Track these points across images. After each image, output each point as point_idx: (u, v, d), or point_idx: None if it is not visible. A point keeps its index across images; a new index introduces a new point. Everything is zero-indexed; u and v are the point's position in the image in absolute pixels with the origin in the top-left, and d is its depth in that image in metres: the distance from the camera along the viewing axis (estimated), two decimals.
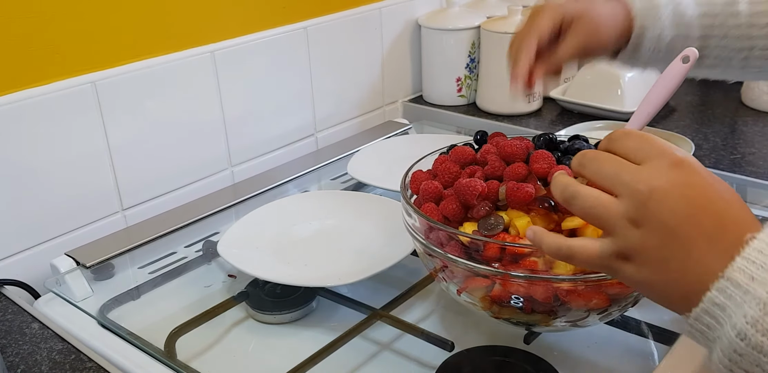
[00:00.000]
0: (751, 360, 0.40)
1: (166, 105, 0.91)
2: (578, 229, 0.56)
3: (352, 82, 1.17)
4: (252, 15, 0.98)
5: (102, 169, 0.86)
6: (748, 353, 0.40)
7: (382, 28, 1.19)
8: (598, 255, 0.45)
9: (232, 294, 0.76)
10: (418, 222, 0.61)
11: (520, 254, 0.55)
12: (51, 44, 0.78)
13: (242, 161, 1.03)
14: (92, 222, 0.87)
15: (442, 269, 0.62)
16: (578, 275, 0.55)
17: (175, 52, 0.90)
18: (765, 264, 0.40)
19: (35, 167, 0.79)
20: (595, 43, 0.71)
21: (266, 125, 1.05)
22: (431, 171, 0.67)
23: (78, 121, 0.82)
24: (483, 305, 0.62)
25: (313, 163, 1.04)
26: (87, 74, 0.82)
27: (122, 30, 0.84)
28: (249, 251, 0.79)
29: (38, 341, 0.68)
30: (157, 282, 0.82)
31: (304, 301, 0.75)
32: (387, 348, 0.70)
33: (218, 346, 0.71)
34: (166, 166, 0.93)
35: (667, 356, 0.63)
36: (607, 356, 0.68)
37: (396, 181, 0.68)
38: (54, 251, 0.82)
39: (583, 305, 0.58)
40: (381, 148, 1.07)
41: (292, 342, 0.72)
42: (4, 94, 0.76)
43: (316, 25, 1.07)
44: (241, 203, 0.93)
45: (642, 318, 0.70)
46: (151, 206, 0.92)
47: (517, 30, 0.72)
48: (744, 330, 0.40)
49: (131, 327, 0.71)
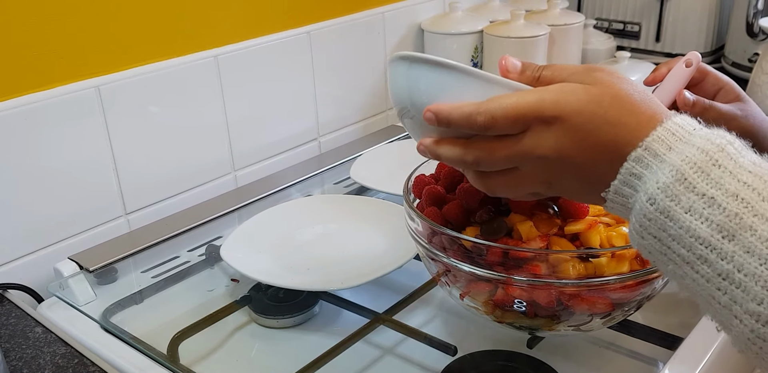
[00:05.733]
0: (659, 225, 0.40)
1: (170, 109, 0.91)
2: (581, 233, 0.56)
3: (355, 87, 1.17)
4: (255, 19, 0.98)
5: (105, 173, 0.86)
6: (656, 218, 0.40)
7: (385, 33, 1.19)
8: (514, 152, 0.45)
9: (235, 298, 0.76)
10: (421, 226, 0.61)
11: (523, 258, 0.55)
12: (55, 49, 0.79)
13: (245, 165, 1.03)
14: (95, 226, 0.87)
15: (444, 273, 0.62)
16: (581, 279, 0.55)
17: (178, 56, 0.90)
18: (683, 137, 0.41)
19: (39, 171, 0.80)
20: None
21: (269, 129, 1.05)
22: (434, 175, 0.67)
23: (82, 125, 0.82)
24: (486, 310, 0.62)
25: (316, 167, 1.04)
26: (91, 79, 0.82)
27: (126, 34, 0.85)
28: (252, 255, 0.79)
29: (41, 345, 0.68)
30: (160, 286, 0.82)
31: (306, 305, 0.75)
32: (390, 353, 0.70)
33: (221, 350, 0.71)
34: (170, 170, 0.93)
35: (670, 360, 0.63)
36: (610, 361, 0.68)
37: (399, 185, 0.68)
38: (57, 255, 0.82)
39: (586, 309, 0.58)
40: (384, 153, 1.07)
41: (295, 346, 0.72)
42: (7, 99, 0.76)
43: (320, 30, 1.07)
44: (244, 207, 0.93)
45: (645, 323, 0.70)
46: (154, 210, 0.92)
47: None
48: (654, 195, 0.40)
49: (134, 331, 0.71)
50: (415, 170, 0.69)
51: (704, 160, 0.39)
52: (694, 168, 0.39)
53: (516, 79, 0.48)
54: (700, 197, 0.39)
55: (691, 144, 0.40)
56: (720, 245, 0.38)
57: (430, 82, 0.47)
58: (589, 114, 0.43)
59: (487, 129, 0.45)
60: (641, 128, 0.42)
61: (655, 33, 1.43)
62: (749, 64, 1.31)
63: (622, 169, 0.42)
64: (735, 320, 0.38)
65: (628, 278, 0.56)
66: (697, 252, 0.39)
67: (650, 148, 0.41)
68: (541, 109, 0.44)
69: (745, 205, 0.38)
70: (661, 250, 0.41)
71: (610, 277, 0.55)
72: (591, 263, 0.55)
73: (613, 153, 0.43)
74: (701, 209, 0.38)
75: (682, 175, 0.39)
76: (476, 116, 0.45)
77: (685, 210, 0.39)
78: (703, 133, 0.41)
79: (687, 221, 0.39)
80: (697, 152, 0.40)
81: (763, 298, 0.36)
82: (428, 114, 0.47)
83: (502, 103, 0.45)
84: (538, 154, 0.44)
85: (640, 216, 0.41)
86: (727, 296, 0.38)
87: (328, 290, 0.75)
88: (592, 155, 0.44)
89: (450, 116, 0.46)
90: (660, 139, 0.41)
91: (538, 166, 0.45)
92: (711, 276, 0.38)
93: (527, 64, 0.49)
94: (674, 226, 0.39)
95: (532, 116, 0.44)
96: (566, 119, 0.43)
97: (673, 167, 0.40)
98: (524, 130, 0.45)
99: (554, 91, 0.45)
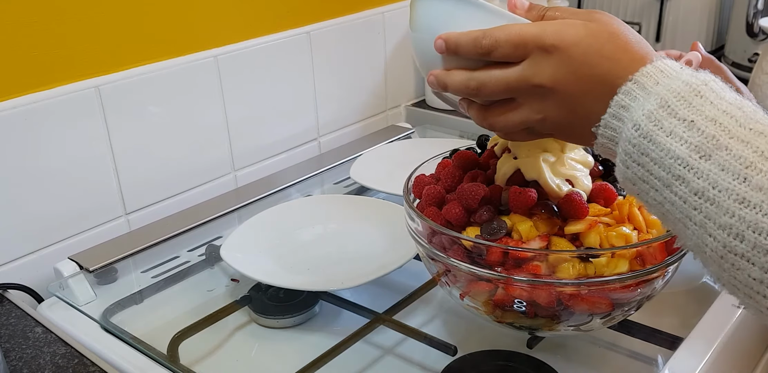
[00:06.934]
0: (641, 150, 0.43)
1: (170, 109, 0.91)
2: (581, 233, 0.56)
3: (354, 87, 1.17)
4: (255, 20, 0.99)
5: (105, 173, 0.86)
6: (639, 143, 0.43)
7: (385, 33, 1.19)
8: (514, 78, 0.48)
9: (235, 298, 0.76)
10: (421, 226, 0.61)
11: (523, 258, 0.55)
12: (55, 49, 0.79)
13: (245, 165, 1.03)
14: (95, 226, 0.87)
15: (444, 273, 0.62)
16: (581, 279, 0.55)
17: (178, 56, 0.90)
18: (670, 74, 0.44)
19: (39, 171, 0.80)
20: None
21: (269, 129, 1.05)
22: (434, 175, 0.67)
23: (82, 125, 0.82)
24: (486, 310, 0.62)
25: (316, 167, 1.04)
26: (91, 79, 0.82)
27: (126, 35, 0.85)
28: (252, 255, 0.79)
29: (41, 345, 0.68)
30: (160, 286, 0.82)
31: (306, 305, 0.75)
32: (390, 353, 0.70)
33: (221, 350, 0.71)
34: (170, 170, 0.93)
35: (670, 360, 0.63)
36: (610, 361, 0.68)
37: (399, 185, 0.68)
38: (57, 255, 0.82)
39: (586, 309, 0.58)
40: (384, 153, 1.07)
41: (295, 346, 0.72)
42: (7, 99, 0.76)
43: (319, 30, 1.07)
44: (244, 207, 0.93)
45: (645, 323, 0.70)
46: (154, 210, 0.92)
47: None
48: (639, 121, 0.43)
49: (134, 331, 0.71)
50: (415, 170, 0.69)
51: (687, 91, 0.42)
52: (677, 97, 0.42)
53: (522, 15, 0.52)
54: (681, 122, 0.41)
55: (677, 78, 0.43)
56: (696, 163, 0.40)
57: (442, 13, 0.52)
58: (586, 46, 0.46)
59: (491, 51, 0.48)
60: (633, 64, 0.45)
61: (655, 33, 1.43)
62: (749, 64, 1.31)
63: (612, 102, 0.45)
64: (708, 238, 0.40)
65: (628, 278, 0.56)
66: (675, 172, 0.41)
67: (639, 82, 0.44)
68: (542, 37, 0.47)
69: (722, 129, 0.40)
70: (643, 176, 0.43)
71: (610, 277, 0.55)
72: (591, 263, 0.55)
73: (605, 85, 0.45)
74: (681, 132, 0.41)
75: (666, 102, 0.42)
76: (481, 39, 0.48)
77: (666, 133, 0.41)
78: (689, 72, 0.44)
79: (667, 144, 0.41)
80: (681, 84, 0.42)
81: (735, 211, 0.38)
82: (438, 41, 0.50)
83: (506, 29, 0.48)
84: (536, 83, 0.47)
85: (625, 143, 0.43)
86: (702, 214, 0.40)
87: (329, 290, 0.75)
88: (585, 86, 0.46)
89: (458, 41, 0.49)
90: (648, 75, 0.44)
91: (533, 95, 0.48)
92: (687, 196, 0.41)
93: (534, 5, 0.53)
94: (656, 149, 0.42)
95: (533, 43, 0.47)
96: (564, 49, 0.46)
97: (658, 96, 0.42)
98: (524, 59, 0.48)
99: (556, 23, 0.48)
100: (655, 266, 0.56)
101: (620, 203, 0.60)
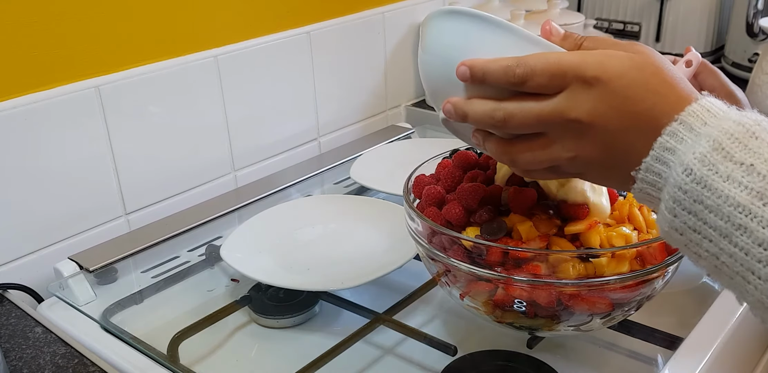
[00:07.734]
0: (695, 197, 0.39)
1: (170, 109, 0.91)
2: (581, 233, 0.56)
3: (354, 87, 1.17)
4: (255, 20, 0.99)
5: (105, 173, 0.86)
6: (692, 189, 0.39)
7: (385, 33, 1.19)
8: (548, 111, 0.44)
9: (235, 298, 0.76)
10: (421, 226, 0.61)
11: (523, 258, 0.55)
12: (54, 49, 0.79)
13: (245, 165, 1.03)
14: (95, 226, 0.87)
15: (444, 273, 0.62)
16: (581, 279, 0.55)
17: (178, 56, 0.90)
18: (718, 114, 0.40)
19: (39, 171, 0.80)
20: None
21: (269, 130, 1.05)
22: (434, 175, 0.67)
23: (81, 125, 0.82)
24: (486, 310, 0.62)
25: (316, 167, 1.04)
26: (91, 79, 0.82)
27: (126, 35, 0.85)
28: (252, 255, 0.79)
29: (41, 345, 0.68)
30: (160, 286, 0.82)
31: (306, 305, 0.75)
32: (390, 353, 0.70)
33: (221, 350, 0.71)
34: (170, 170, 0.93)
35: (670, 360, 0.63)
36: (610, 361, 0.68)
37: (399, 185, 0.68)
38: (57, 255, 0.82)
39: (586, 309, 0.58)
40: (384, 153, 1.07)
41: (295, 346, 0.72)
42: (7, 99, 0.76)
43: (319, 30, 1.07)
44: (244, 207, 0.93)
45: (645, 323, 0.70)
46: (154, 210, 0.92)
47: None
48: (690, 165, 0.39)
49: (134, 331, 0.71)
50: (415, 170, 0.69)
51: (741, 132, 0.39)
52: (731, 139, 0.38)
53: (557, 43, 0.47)
54: (739, 166, 0.38)
55: (726, 119, 0.40)
56: (760, 211, 0.37)
57: (464, 36, 0.45)
58: (631, 79, 0.42)
59: (525, 81, 0.44)
60: (680, 102, 0.42)
61: (655, 33, 1.43)
62: (749, 64, 1.31)
63: (656, 144, 0.41)
64: None
65: (628, 278, 0.56)
66: (736, 221, 0.37)
67: (685, 122, 0.41)
68: (583, 68, 0.43)
69: None
70: (695, 226, 0.39)
71: (610, 277, 0.55)
72: (591, 263, 0.55)
73: (649, 122, 0.42)
74: (740, 177, 0.37)
75: (720, 144, 0.38)
76: (515, 68, 0.44)
77: (723, 179, 0.38)
78: (737, 111, 0.41)
79: (725, 190, 0.38)
80: (734, 125, 0.39)
81: None
82: (462, 68, 0.45)
83: (543, 57, 0.44)
84: (572, 117, 0.43)
85: (674, 189, 0.40)
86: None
87: (328, 290, 0.75)
88: (627, 123, 0.42)
89: (486, 68, 0.45)
90: (695, 114, 0.41)
91: (567, 131, 0.44)
92: (750, 247, 0.37)
93: (570, 33, 0.48)
94: (711, 196, 0.38)
95: (573, 74, 0.43)
96: (607, 82, 0.42)
97: (710, 137, 0.39)
98: (560, 91, 0.44)
99: (597, 53, 0.44)
100: (655, 266, 0.56)
101: (620, 203, 0.60)
